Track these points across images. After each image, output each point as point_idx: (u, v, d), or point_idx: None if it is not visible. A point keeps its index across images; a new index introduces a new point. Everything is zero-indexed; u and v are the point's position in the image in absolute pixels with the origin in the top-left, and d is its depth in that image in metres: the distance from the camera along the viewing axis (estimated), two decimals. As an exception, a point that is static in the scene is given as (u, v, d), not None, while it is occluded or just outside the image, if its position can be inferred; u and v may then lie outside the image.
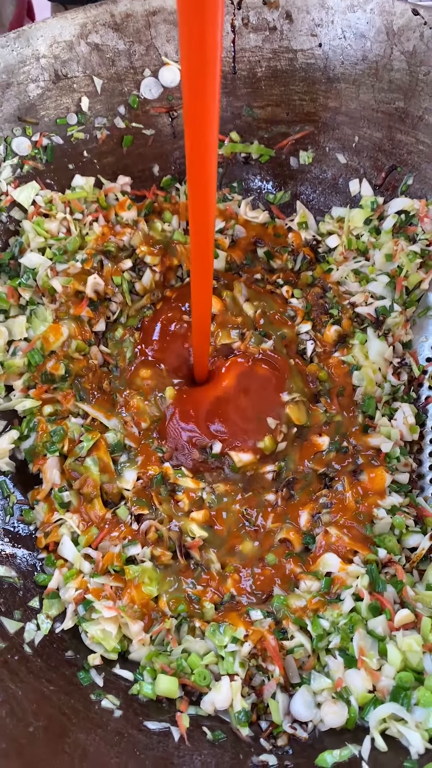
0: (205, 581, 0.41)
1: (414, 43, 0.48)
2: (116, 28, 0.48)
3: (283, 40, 0.50)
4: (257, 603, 0.40)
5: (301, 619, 0.37)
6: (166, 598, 0.39)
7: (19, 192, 0.47)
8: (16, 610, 0.37)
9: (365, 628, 0.37)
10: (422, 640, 0.36)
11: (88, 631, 0.37)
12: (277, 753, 0.34)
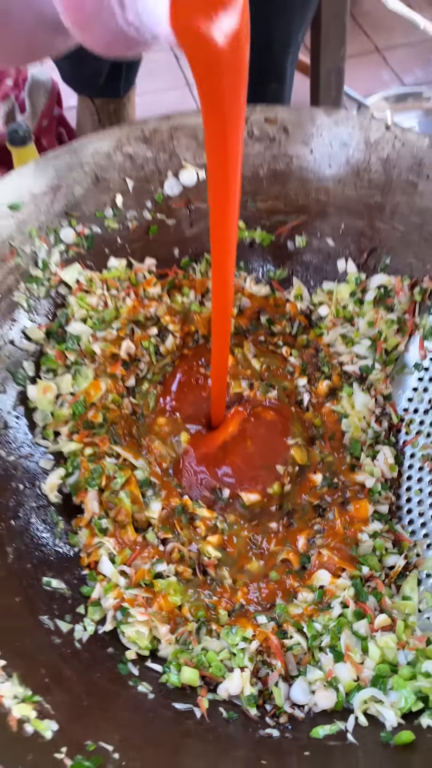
0: (220, 593, 0.49)
1: (387, 151, 0.59)
2: (145, 140, 0.59)
3: (281, 147, 0.61)
4: (262, 610, 0.48)
5: (299, 623, 0.46)
6: (187, 606, 0.47)
7: (65, 272, 0.58)
8: (67, 615, 0.46)
9: (351, 629, 0.45)
10: (397, 639, 0.44)
11: (125, 632, 0.46)
12: (279, 728, 0.42)
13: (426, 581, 0.49)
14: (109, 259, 0.60)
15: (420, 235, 0.59)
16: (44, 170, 0.56)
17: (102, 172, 0.58)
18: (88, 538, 0.51)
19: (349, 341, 0.60)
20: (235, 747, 0.40)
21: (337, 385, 0.59)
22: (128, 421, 0.57)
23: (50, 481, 0.53)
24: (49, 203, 0.57)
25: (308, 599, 0.48)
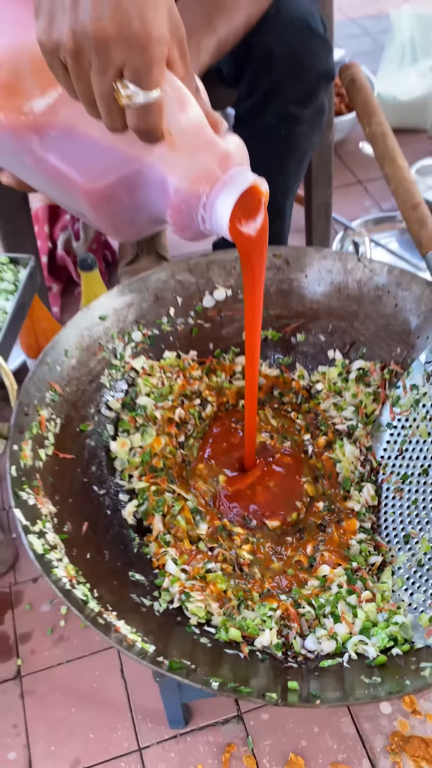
0: (252, 583, 0.68)
1: (359, 275, 0.84)
2: (190, 270, 0.84)
3: (285, 273, 0.86)
4: (283, 593, 0.68)
5: (308, 599, 0.66)
6: (230, 590, 0.67)
7: (134, 362, 0.81)
8: (147, 596, 0.65)
9: (345, 601, 0.65)
10: (376, 606, 0.64)
11: (188, 607, 0.65)
12: (297, 663, 0.61)
13: (397, 572, 0.69)
14: (164, 352, 0.84)
15: (385, 332, 0.83)
16: (122, 293, 0.81)
17: (160, 293, 0.83)
18: (156, 548, 0.71)
19: (339, 408, 0.83)
20: (267, 671, 0.59)
21: (331, 440, 0.81)
22: (180, 467, 0.79)
23: (128, 509, 0.74)
24: (125, 315, 0.81)
25: (315, 584, 0.68)
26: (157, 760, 0.83)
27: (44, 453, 0.68)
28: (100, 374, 0.79)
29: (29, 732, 0.85)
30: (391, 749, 0.83)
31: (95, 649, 0.92)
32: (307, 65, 0.85)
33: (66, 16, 0.42)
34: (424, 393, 0.78)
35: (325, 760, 0.82)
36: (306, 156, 1.00)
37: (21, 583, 0.98)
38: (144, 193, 0.53)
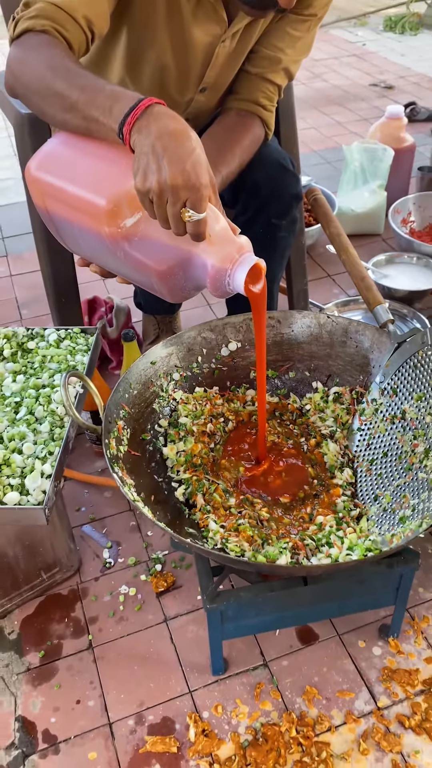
0: (271, 531, 0.98)
1: (330, 328, 1.19)
2: (212, 330, 1.19)
3: (277, 330, 1.21)
4: (293, 534, 0.97)
5: (311, 536, 0.95)
6: (255, 535, 0.96)
7: (175, 394, 1.14)
8: (200, 540, 0.95)
9: (336, 535, 0.94)
10: (357, 535, 0.94)
11: (228, 546, 0.94)
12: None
13: (370, 518, 0.99)
14: (195, 387, 1.17)
15: (351, 366, 1.17)
16: (166, 346, 1.15)
17: (191, 346, 1.18)
18: (200, 516, 1.01)
19: (322, 420, 1.15)
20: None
21: (319, 441, 1.13)
22: (212, 463, 1.10)
23: (179, 491, 1.04)
24: (167, 361, 1.15)
25: (314, 528, 0.97)
26: (205, 698, 1.07)
27: (122, 448, 1.00)
28: (153, 402, 1.11)
29: (103, 686, 1.10)
30: (382, 679, 1.08)
31: (148, 624, 1.17)
32: (283, 191, 1.24)
33: (154, 175, 0.79)
34: (380, 404, 1.11)
35: (333, 690, 1.07)
36: (286, 252, 1.39)
37: (86, 581, 1.25)
38: (192, 270, 0.89)
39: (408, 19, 4.48)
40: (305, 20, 1.14)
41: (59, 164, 0.93)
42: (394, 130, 2.21)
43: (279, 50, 1.16)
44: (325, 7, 1.15)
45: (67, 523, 1.20)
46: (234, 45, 1.13)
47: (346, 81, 3.59)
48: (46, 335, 1.21)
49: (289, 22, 1.14)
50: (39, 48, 0.93)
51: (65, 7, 0.94)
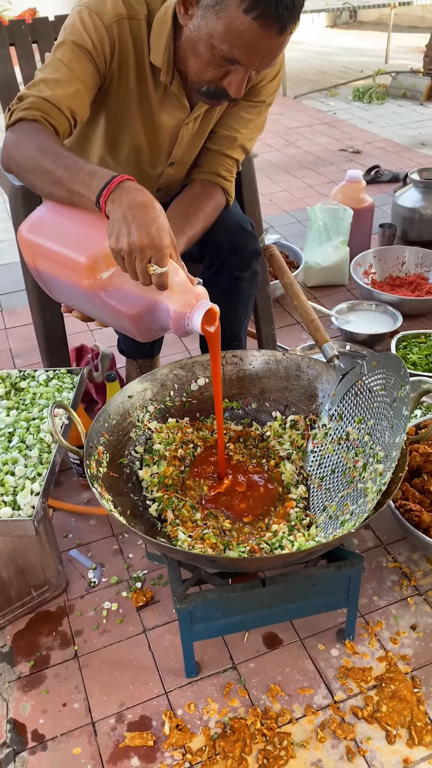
0: (232, 538, 1.12)
1: (285, 364, 1.36)
2: (182, 367, 1.35)
3: (239, 367, 1.37)
4: (250, 540, 1.11)
5: (266, 541, 1.09)
6: (218, 542, 1.10)
7: (150, 424, 1.30)
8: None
9: (287, 539, 1.08)
10: (305, 539, 1.08)
11: (195, 549, 1.08)
12: (260, 568, 1.03)
13: (318, 525, 1.13)
14: (168, 419, 1.33)
15: (304, 396, 1.33)
16: (141, 382, 1.31)
17: (164, 381, 1.34)
18: (171, 528, 1.15)
19: (281, 444, 1.31)
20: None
21: (278, 461, 1.28)
22: (181, 484, 1.24)
23: (152, 508, 1.19)
24: (143, 395, 1.31)
25: (269, 535, 1.11)
26: (179, 698, 1.18)
27: (102, 469, 1.14)
28: (130, 431, 1.27)
29: (87, 690, 1.21)
30: (339, 677, 1.20)
31: (129, 635, 1.29)
32: (243, 249, 1.43)
33: (125, 237, 0.97)
34: (329, 428, 1.27)
35: (294, 687, 1.19)
36: (249, 300, 1.57)
37: (72, 599, 1.37)
38: (158, 314, 1.06)
39: (375, 89, 4.85)
40: (255, 106, 1.35)
41: (47, 228, 1.11)
42: (354, 192, 2.44)
43: (235, 130, 1.37)
44: (273, 95, 1.36)
45: (55, 547, 1.33)
46: (196, 127, 1.34)
47: (317, 147, 3.90)
48: (36, 376, 1.38)
49: (242, 107, 1.36)
50: (30, 133, 1.13)
51: (52, 101, 1.14)
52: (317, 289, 2.41)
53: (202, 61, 1.10)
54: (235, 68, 1.09)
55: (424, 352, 1.92)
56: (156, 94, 1.26)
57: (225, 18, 1.02)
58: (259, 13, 0.99)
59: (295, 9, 1.02)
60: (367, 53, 6.31)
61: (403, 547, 1.42)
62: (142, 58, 1.21)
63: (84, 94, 1.18)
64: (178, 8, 1.10)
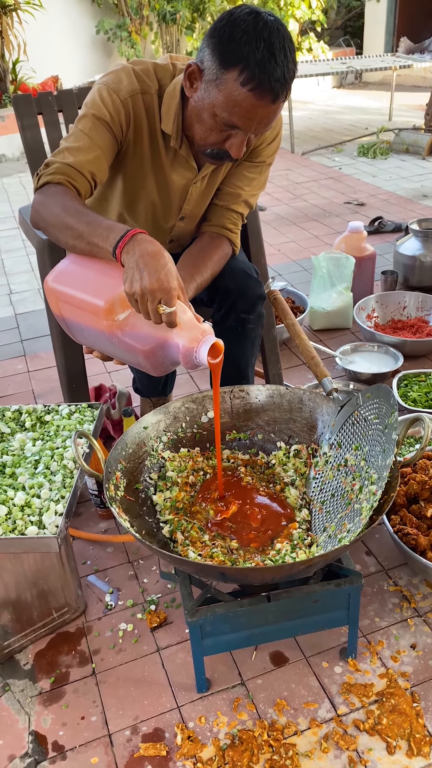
0: (239, 556, 1.21)
1: (289, 397, 1.47)
2: (194, 401, 1.47)
3: (246, 401, 1.49)
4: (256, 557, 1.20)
5: (270, 558, 1.18)
6: (226, 559, 1.19)
7: (163, 453, 1.40)
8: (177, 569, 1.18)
9: (290, 556, 1.17)
10: (305, 555, 1.16)
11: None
12: (264, 581, 1.12)
13: (319, 546, 1.22)
14: (180, 448, 1.43)
15: (307, 427, 1.44)
16: (156, 414, 1.43)
17: (177, 414, 1.45)
18: (182, 548, 1.24)
19: (285, 471, 1.41)
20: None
21: (283, 487, 1.38)
22: (191, 508, 1.34)
23: (165, 529, 1.28)
24: (157, 426, 1.42)
25: (273, 552, 1.20)
26: (190, 711, 1.25)
27: (119, 493, 1.25)
28: (145, 459, 1.38)
29: (104, 705, 1.28)
30: (342, 692, 1.26)
31: (143, 654, 1.37)
32: (248, 293, 1.57)
33: (137, 282, 1.10)
34: (329, 456, 1.37)
35: (300, 702, 1.25)
36: (256, 341, 1.69)
37: (90, 621, 1.46)
38: (169, 349, 1.18)
39: (378, 145, 5.09)
40: (257, 166, 1.51)
41: (69, 277, 1.25)
42: (355, 242, 2.59)
43: (239, 188, 1.52)
44: (272, 156, 1.52)
45: (75, 572, 1.42)
46: (204, 185, 1.49)
47: (324, 200, 4.10)
48: (59, 410, 1.50)
49: (245, 167, 1.51)
50: (56, 195, 1.28)
51: (75, 166, 1.30)
52: (323, 332, 2.53)
53: (205, 127, 1.26)
54: (234, 133, 1.24)
55: (424, 390, 2.02)
56: (167, 157, 1.42)
57: (225, 90, 1.18)
58: (254, 85, 1.15)
59: (286, 81, 1.17)
60: (371, 112, 6.63)
61: (403, 572, 1.49)
62: (154, 126, 1.38)
63: (103, 159, 1.34)
64: (185, 83, 1.27)
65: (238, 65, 1.14)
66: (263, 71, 1.13)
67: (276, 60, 1.13)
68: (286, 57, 1.15)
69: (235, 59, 1.14)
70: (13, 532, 1.17)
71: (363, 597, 1.43)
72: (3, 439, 1.42)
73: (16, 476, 1.28)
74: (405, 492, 1.48)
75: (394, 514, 1.46)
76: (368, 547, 1.57)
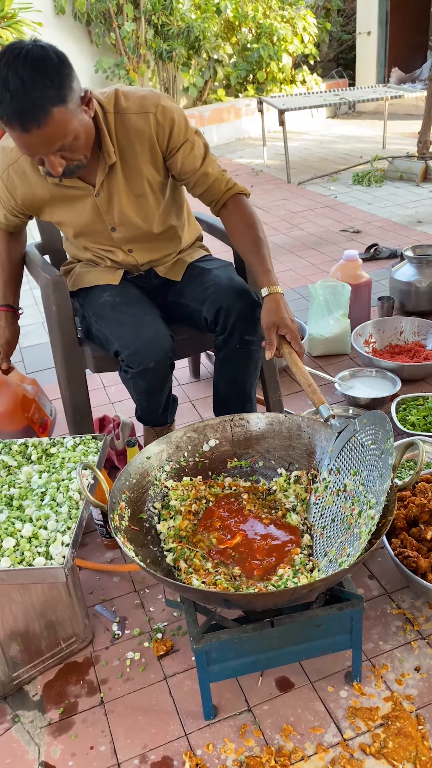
0: (242, 583, 1.24)
1: (288, 424, 1.51)
2: (195, 431, 1.51)
3: (246, 429, 1.53)
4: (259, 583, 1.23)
5: (273, 584, 1.21)
6: (229, 586, 1.22)
7: (166, 482, 1.44)
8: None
9: (292, 581, 1.20)
10: (307, 580, 1.19)
11: (207, 594, 1.20)
12: (267, 606, 1.14)
13: (320, 571, 1.24)
14: (182, 477, 1.47)
15: (306, 453, 1.47)
16: (158, 444, 1.46)
17: (179, 443, 1.49)
18: (185, 576, 1.27)
19: (286, 497, 1.43)
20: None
21: (284, 513, 1.40)
22: (194, 536, 1.37)
23: (168, 557, 1.31)
24: (160, 456, 1.46)
25: (276, 578, 1.23)
26: (198, 739, 1.27)
27: (124, 522, 1.28)
28: (149, 488, 1.41)
29: (112, 733, 1.29)
30: (347, 716, 1.28)
31: (151, 682, 1.39)
32: (251, 316, 1.61)
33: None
34: (329, 481, 1.40)
35: (306, 727, 1.27)
36: (258, 362, 1.73)
37: (98, 650, 1.47)
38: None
39: (373, 174, 5.20)
40: (183, 148, 1.55)
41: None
42: (351, 270, 2.65)
43: (194, 170, 1.58)
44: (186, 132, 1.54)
45: (82, 601, 1.45)
46: (107, 192, 1.56)
47: (320, 228, 4.18)
48: (64, 442, 1.54)
49: (179, 156, 1.55)
50: None
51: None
52: (321, 358, 2.58)
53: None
54: (38, 156, 1.36)
55: (422, 413, 2.06)
56: (59, 190, 1.57)
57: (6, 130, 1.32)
58: (4, 122, 1.28)
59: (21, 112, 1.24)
60: (365, 140, 6.77)
61: (406, 595, 1.51)
62: (38, 176, 1.55)
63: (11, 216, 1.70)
64: None
65: None
66: (2, 107, 1.25)
67: (1, 95, 1.23)
68: (7, 89, 1.22)
69: None
70: (21, 563, 1.20)
71: (366, 620, 1.45)
72: (10, 472, 1.46)
73: (23, 508, 1.31)
74: (405, 515, 1.51)
75: (394, 537, 1.48)
76: (371, 571, 1.59)
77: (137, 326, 1.61)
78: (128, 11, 6.64)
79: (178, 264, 1.79)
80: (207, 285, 1.67)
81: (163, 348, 1.59)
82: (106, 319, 1.67)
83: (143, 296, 1.76)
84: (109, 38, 6.88)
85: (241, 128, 7.53)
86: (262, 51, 7.33)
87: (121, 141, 1.52)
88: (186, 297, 1.74)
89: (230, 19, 7.51)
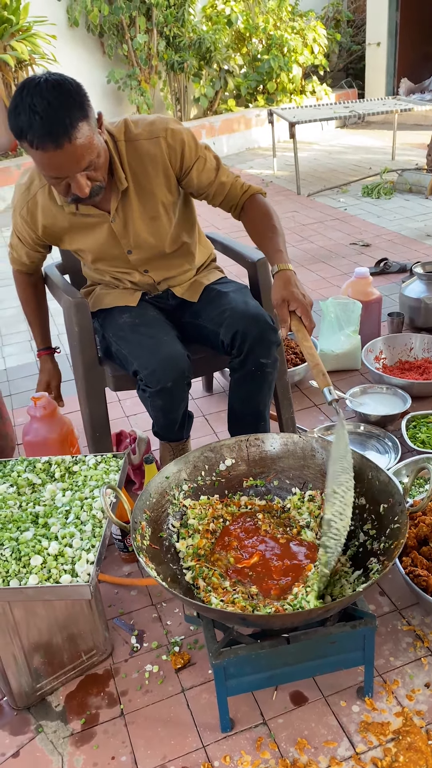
0: (259, 602, 1.28)
1: (302, 445, 1.56)
2: (211, 450, 1.56)
3: (261, 449, 1.58)
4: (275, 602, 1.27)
5: (288, 602, 1.26)
6: (247, 605, 1.27)
7: (184, 501, 1.49)
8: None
9: (306, 600, 1.24)
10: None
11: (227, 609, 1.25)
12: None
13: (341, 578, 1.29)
14: (200, 496, 1.52)
15: (319, 473, 1.52)
16: (177, 464, 1.51)
17: (196, 463, 1.54)
18: (204, 594, 1.32)
19: (300, 514, 1.48)
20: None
21: (299, 530, 1.45)
22: (213, 555, 1.42)
23: (187, 576, 1.36)
24: (178, 476, 1.51)
25: (291, 597, 1.27)
26: (215, 751, 1.31)
27: (145, 542, 1.33)
28: (167, 508, 1.46)
29: (133, 745, 1.34)
30: (360, 731, 1.32)
31: (169, 695, 1.43)
32: (265, 339, 1.67)
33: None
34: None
35: (320, 740, 1.31)
36: (272, 382, 1.78)
37: (117, 663, 1.53)
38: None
39: (382, 186, 5.25)
40: (197, 164, 1.62)
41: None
42: (362, 287, 2.70)
43: (210, 183, 1.66)
44: (196, 149, 1.61)
45: (103, 615, 1.50)
46: (122, 218, 1.62)
47: (330, 241, 4.23)
48: (86, 460, 1.59)
49: (193, 174, 1.63)
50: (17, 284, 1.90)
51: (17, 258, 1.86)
52: (332, 374, 2.62)
53: (53, 187, 1.46)
54: (65, 180, 1.39)
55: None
56: (75, 217, 1.63)
57: (31, 156, 1.36)
58: (30, 144, 1.32)
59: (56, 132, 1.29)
60: (374, 151, 6.82)
61: (416, 612, 1.56)
62: (56, 207, 1.61)
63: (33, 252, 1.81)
64: None
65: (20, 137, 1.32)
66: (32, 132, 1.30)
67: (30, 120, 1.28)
68: (35, 112, 1.27)
69: (17, 132, 1.32)
70: (48, 580, 1.25)
71: (378, 637, 1.49)
72: (35, 490, 1.51)
73: (49, 526, 1.37)
74: (416, 534, 1.55)
75: (405, 556, 1.52)
76: (382, 588, 1.63)
77: (155, 347, 1.66)
78: (141, 23, 6.73)
79: (195, 285, 1.85)
80: (223, 308, 1.73)
81: (181, 368, 1.64)
82: (125, 340, 1.72)
83: (161, 317, 1.81)
84: (121, 50, 6.97)
85: (251, 138, 7.60)
86: (272, 62, 7.40)
87: (134, 167, 1.59)
88: (203, 318, 1.80)
89: (241, 30, 7.59)
